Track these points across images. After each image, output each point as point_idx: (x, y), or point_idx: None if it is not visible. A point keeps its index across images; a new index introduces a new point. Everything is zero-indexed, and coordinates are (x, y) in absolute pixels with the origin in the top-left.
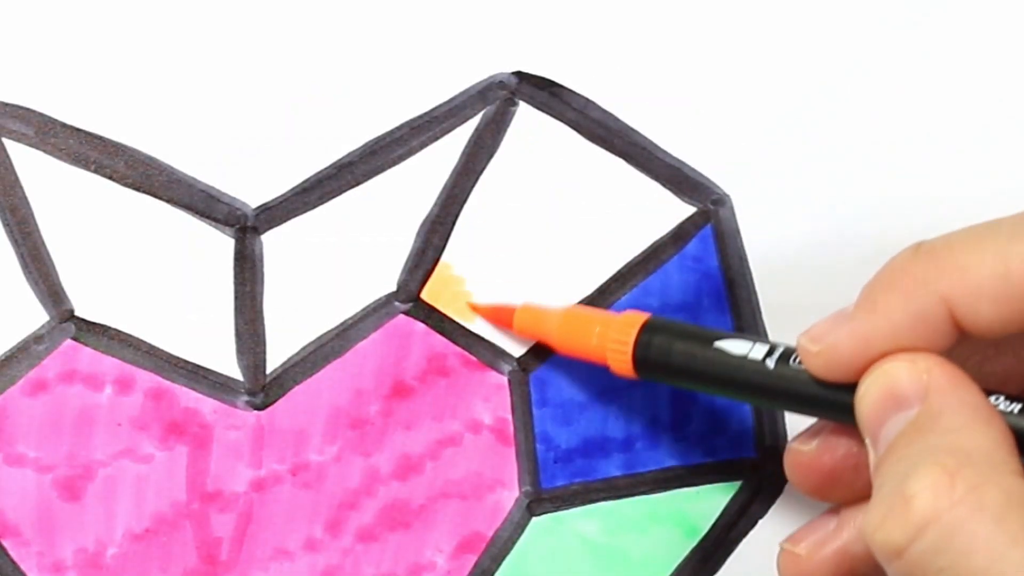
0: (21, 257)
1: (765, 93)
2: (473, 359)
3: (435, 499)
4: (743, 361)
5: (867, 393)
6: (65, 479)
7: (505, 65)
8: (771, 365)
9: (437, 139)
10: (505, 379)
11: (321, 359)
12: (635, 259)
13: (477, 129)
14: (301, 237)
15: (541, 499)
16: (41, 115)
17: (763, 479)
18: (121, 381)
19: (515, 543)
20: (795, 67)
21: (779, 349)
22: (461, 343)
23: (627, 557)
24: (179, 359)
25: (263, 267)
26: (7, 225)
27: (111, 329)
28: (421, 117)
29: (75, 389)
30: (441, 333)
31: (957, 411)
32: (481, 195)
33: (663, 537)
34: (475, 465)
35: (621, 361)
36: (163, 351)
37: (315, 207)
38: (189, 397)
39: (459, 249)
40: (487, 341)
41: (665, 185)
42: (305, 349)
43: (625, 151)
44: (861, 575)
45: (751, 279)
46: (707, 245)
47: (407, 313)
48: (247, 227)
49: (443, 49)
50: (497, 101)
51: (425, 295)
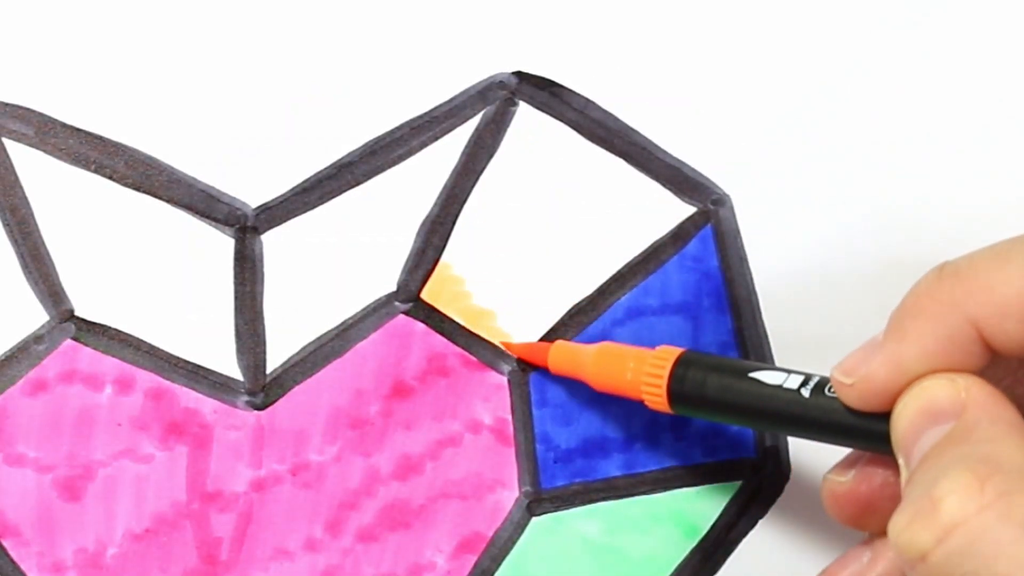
0: (21, 257)
1: (765, 93)
2: (473, 359)
3: (435, 499)
4: (778, 391)
5: (904, 409)
6: (65, 479)
7: (505, 65)
8: (806, 395)
9: (437, 139)
10: (505, 379)
11: (321, 359)
12: (635, 259)
13: (477, 129)
14: (301, 237)
15: (541, 499)
16: (41, 115)
17: (763, 479)
18: (121, 381)
19: (515, 543)
20: (795, 67)
21: (814, 380)
22: (461, 343)
23: (627, 557)
24: (179, 359)
25: (263, 267)
26: (7, 225)
27: (111, 329)
28: (421, 117)
29: (75, 389)
30: (441, 333)
31: (992, 424)
32: (481, 195)
33: (663, 537)
34: (475, 465)
35: (656, 396)
36: (163, 351)
37: (315, 207)
38: (189, 397)
39: (459, 249)
40: (487, 341)
41: (665, 185)
42: (305, 349)
43: (625, 151)
44: None
45: (751, 279)
46: (707, 245)
47: (407, 313)
48: (247, 227)
49: (443, 49)
50: (497, 101)
51: (425, 295)
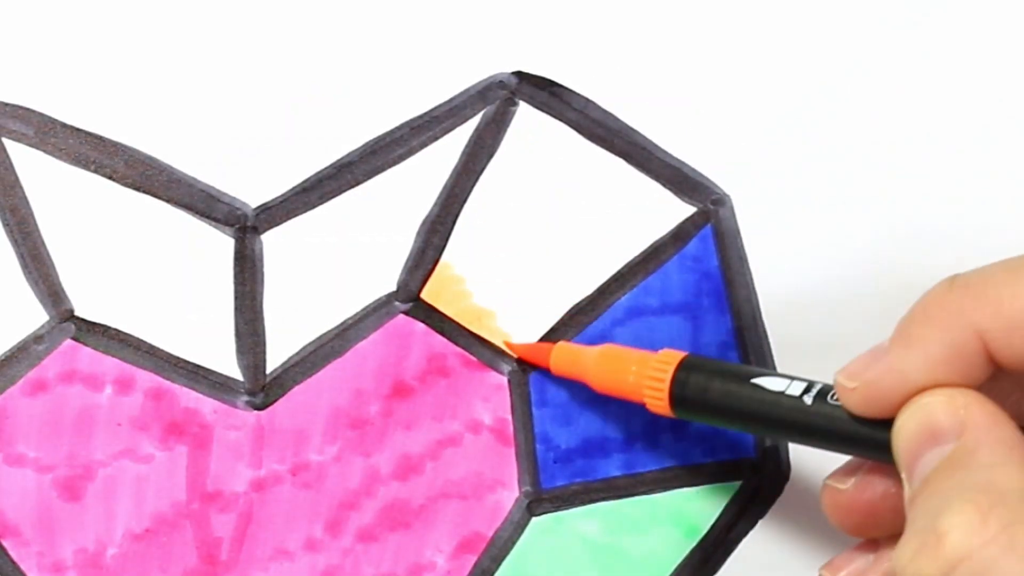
0: (21, 257)
1: (765, 93)
2: (473, 359)
3: (435, 499)
4: (780, 398)
5: (904, 427)
6: (65, 479)
7: (505, 65)
8: (809, 401)
9: (437, 139)
10: (505, 379)
11: (321, 359)
12: (635, 259)
13: (477, 129)
14: (301, 237)
15: (541, 499)
16: (41, 115)
17: (763, 479)
18: (121, 381)
19: (515, 543)
20: (795, 67)
21: (816, 387)
22: (461, 343)
23: (627, 557)
24: (179, 359)
25: (263, 267)
26: (7, 225)
27: (111, 329)
28: (421, 117)
29: (75, 389)
30: (441, 333)
31: (993, 448)
32: (481, 195)
33: (663, 537)
34: (475, 465)
35: (658, 400)
36: (163, 351)
37: (315, 207)
38: (189, 397)
39: (459, 249)
40: (487, 341)
41: (665, 185)
42: (305, 349)
43: (625, 151)
44: None
45: (751, 279)
46: (707, 245)
47: (407, 313)
48: (247, 227)
49: (443, 49)
50: (497, 101)
51: (425, 295)
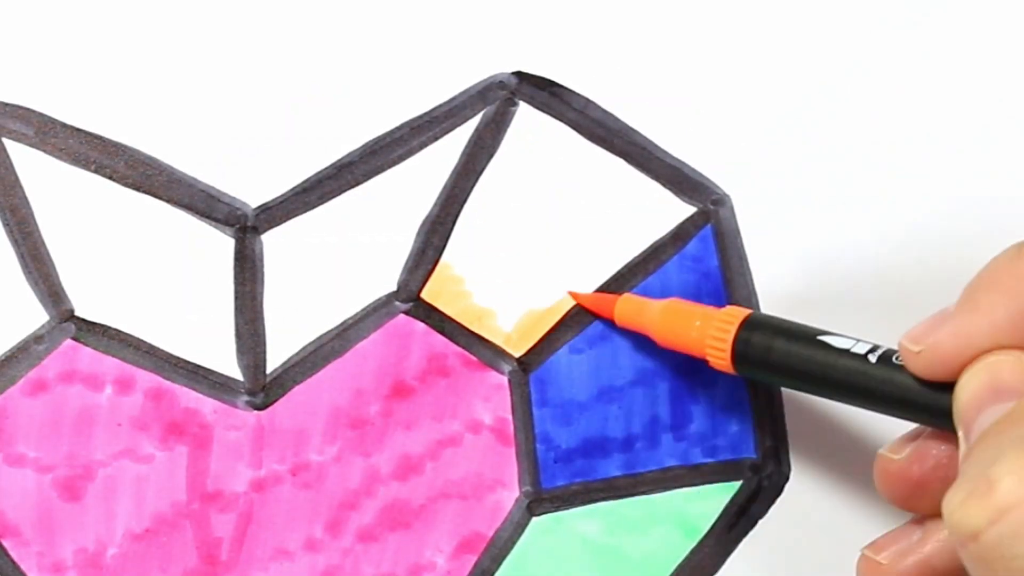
0: (21, 257)
1: (765, 93)
2: (473, 359)
3: (435, 499)
4: (844, 358)
5: (968, 384)
6: (65, 479)
7: (505, 65)
8: (872, 360)
9: (437, 139)
10: (505, 379)
11: (321, 359)
12: (635, 259)
13: (477, 129)
14: (301, 237)
15: (541, 499)
16: (41, 115)
17: (763, 479)
18: (121, 381)
19: (515, 543)
20: (795, 67)
21: (880, 350)
22: (461, 343)
23: (627, 557)
24: (179, 359)
25: (263, 267)
26: (7, 225)
27: (111, 329)
28: (421, 117)
29: (75, 389)
30: (441, 333)
31: None
32: (481, 195)
33: (663, 537)
34: (475, 465)
35: (720, 356)
36: (163, 351)
37: (315, 207)
38: (189, 397)
39: (459, 249)
40: (487, 341)
41: (665, 185)
42: (305, 349)
43: (625, 151)
44: None
45: (751, 279)
46: (707, 245)
47: (407, 313)
48: (247, 227)
49: (443, 49)
50: (497, 101)
51: (425, 295)
